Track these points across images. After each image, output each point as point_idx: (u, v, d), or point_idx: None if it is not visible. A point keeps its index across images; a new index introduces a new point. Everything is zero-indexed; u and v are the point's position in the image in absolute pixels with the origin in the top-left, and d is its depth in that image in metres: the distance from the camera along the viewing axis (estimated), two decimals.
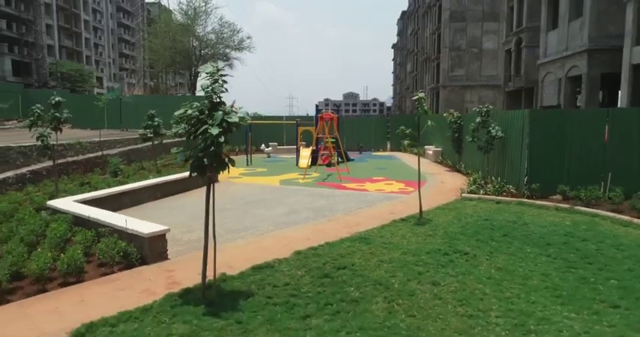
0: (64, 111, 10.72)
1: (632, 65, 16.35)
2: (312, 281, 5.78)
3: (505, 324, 4.63)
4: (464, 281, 5.79)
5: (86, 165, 14.76)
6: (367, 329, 4.50)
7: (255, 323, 4.63)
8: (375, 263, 6.51)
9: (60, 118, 10.54)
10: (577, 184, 11.10)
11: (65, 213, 8.03)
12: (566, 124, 11.63)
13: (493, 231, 8.33)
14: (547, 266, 6.41)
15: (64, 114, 10.63)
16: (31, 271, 5.64)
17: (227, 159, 5.16)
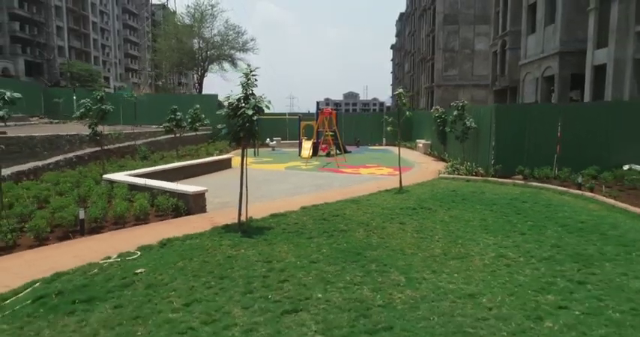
0: (108, 104, 13.01)
1: (594, 66, 18.64)
2: (314, 222, 8.10)
3: (443, 241, 6.94)
4: (422, 222, 8.10)
5: (118, 152, 17.08)
6: (351, 243, 6.81)
7: (276, 240, 6.94)
8: (360, 213, 8.83)
9: (105, 110, 12.84)
10: (534, 166, 13.41)
11: (121, 182, 10.33)
12: (526, 117, 13.96)
13: (456, 197, 10.65)
14: (487, 215, 8.72)
15: (108, 107, 12.93)
16: (115, 214, 7.96)
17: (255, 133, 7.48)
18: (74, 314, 4.34)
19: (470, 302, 4.67)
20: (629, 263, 5.88)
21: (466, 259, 6.08)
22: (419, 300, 4.70)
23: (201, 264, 5.79)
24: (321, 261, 5.92)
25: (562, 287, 5.06)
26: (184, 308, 4.47)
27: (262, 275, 5.39)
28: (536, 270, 5.64)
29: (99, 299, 4.67)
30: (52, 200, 8.70)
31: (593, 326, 4.13)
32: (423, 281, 5.23)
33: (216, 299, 4.69)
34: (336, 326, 4.09)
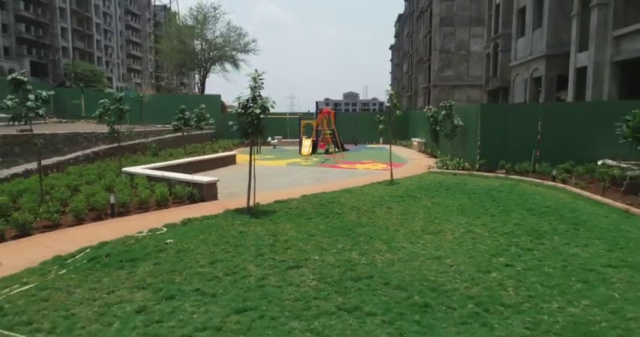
0: (126, 105, 14.19)
1: (576, 68, 19.83)
2: (313, 206, 9.29)
3: (423, 221, 8.13)
4: (407, 207, 9.29)
5: (130, 149, 18.25)
6: (344, 222, 8.00)
7: (280, 220, 8.13)
8: (353, 200, 10.02)
9: (123, 110, 14.02)
10: (515, 161, 14.59)
11: (140, 174, 11.51)
12: (508, 116, 15.15)
13: (440, 187, 11.84)
14: (465, 202, 9.91)
15: (125, 107, 14.10)
16: (139, 200, 9.15)
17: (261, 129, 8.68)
18: (123, 268, 5.53)
19: (436, 262, 5.86)
20: (574, 237, 7.07)
21: (440, 234, 7.27)
22: (395, 261, 5.89)
23: (218, 237, 6.98)
24: (318, 235, 7.12)
25: (513, 253, 6.26)
26: (209, 265, 5.66)
27: (270, 245, 6.58)
28: (495, 241, 6.83)
29: (140, 260, 5.86)
30: (83, 188, 9.89)
31: (528, 276, 5.33)
32: (401, 249, 6.43)
33: (233, 260, 5.88)
34: (329, 276, 5.28)
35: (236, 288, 4.90)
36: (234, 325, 4.04)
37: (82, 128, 18.86)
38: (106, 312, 4.29)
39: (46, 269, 5.50)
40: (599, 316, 4.27)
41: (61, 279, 5.17)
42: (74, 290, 4.80)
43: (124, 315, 4.23)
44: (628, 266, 5.69)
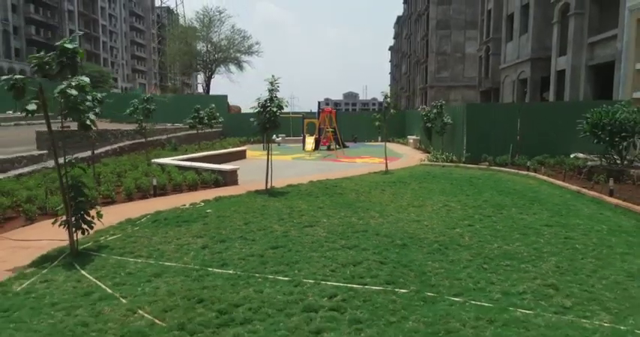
0: (153, 105, 16.03)
1: (557, 71, 21.70)
2: (319, 189, 11.15)
3: (409, 199, 9.98)
4: (398, 190, 11.15)
5: (150, 144, 20.09)
6: (345, 200, 9.86)
7: (293, 198, 9.99)
8: (352, 185, 11.89)
9: (150, 109, 15.85)
10: (497, 154, 16.43)
11: (169, 164, 13.35)
12: (491, 115, 17.01)
13: (428, 176, 13.71)
14: (447, 186, 11.76)
15: (152, 107, 15.94)
16: (174, 183, 11.00)
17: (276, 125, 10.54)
18: (181, 226, 7.39)
19: (415, 223, 7.72)
20: (528, 209, 8.93)
21: (422, 207, 9.12)
22: (385, 223, 7.75)
23: (246, 209, 8.84)
24: (325, 207, 8.97)
25: (476, 218, 8.11)
26: (244, 225, 7.51)
27: (287, 213, 8.43)
28: (465, 212, 8.69)
29: (191, 221, 7.72)
30: (126, 174, 11.74)
31: (482, 231, 7.19)
32: (389, 216, 8.28)
33: (262, 222, 7.73)
34: (335, 230, 7.13)
35: (268, 237, 6.76)
36: (271, 254, 5.90)
37: (108, 126, 20.70)
38: (180, 248, 6.15)
39: (123, 227, 7.36)
40: (523, 250, 6.13)
41: (138, 232, 7.03)
42: (151, 238, 6.66)
43: (194, 249, 6.09)
44: (560, 225, 7.56)
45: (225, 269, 5.29)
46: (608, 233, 7.09)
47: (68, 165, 5.95)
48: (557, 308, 4.29)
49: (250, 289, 4.66)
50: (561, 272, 5.28)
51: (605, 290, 4.75)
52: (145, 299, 4.41)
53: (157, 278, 4.98)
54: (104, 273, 5.15)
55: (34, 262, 5.55)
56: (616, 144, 12.22)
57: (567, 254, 5.97)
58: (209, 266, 5.39)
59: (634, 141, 12.25)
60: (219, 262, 5.56)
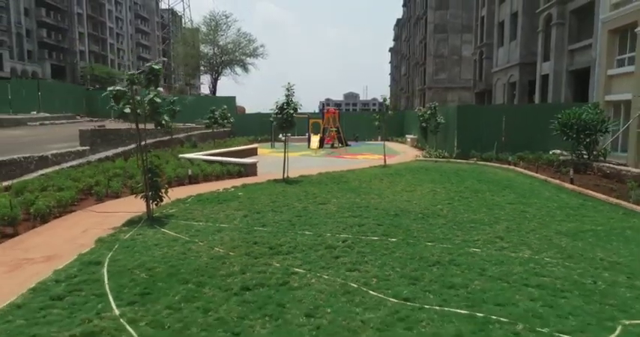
0: (178, 106, 18.01)
1: (542, 75, 23.69)
2: (327, 178, 13.16)
3: (403, 186, 11.98)
4: (394, 180, 13.15)
5: (171, 142, 22.10)
6: (349, 186, 11.86)
7: (306, 185, 11.99)
8: (355, 176, 13.90)
9: (175, 110, 17.83)
10: (484, 150, 18.42)
11: (196, 159, 15.34)
12: (479, 115, 19.02)
13: (421, 169, 15.71)
14: (436, 177, 13.76)
15: (177, 108, 17.92)
16: (205, 173, 13.01)
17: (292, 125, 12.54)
18: (221, 204, 9.40)
19: (406, 202, 9.72)
20: (500, 192, 10.93)
21: (413, 192, 11.12)
22: (382, 201, 9.75)
23: (269, 192, 10.84)
24: (334, 192, 10.98)
25: (455, 199, 10.12)
26: (271, 203, 9.51)
27: (304, 195, 10.44)
28: (447, 195, 10.69)
29: (228, 201, 9.73)
30: (162, 167, 13.73)
31: (458, 207, 9.19)
32: (386, 197, 10.29)
33: (284, 201, 9.73)
34: (343, 207, 9.13)
35: (291, 210, 8.77)
36: (297, 220, 7.90)
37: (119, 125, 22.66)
38: (228, 216, 8.16)
39: (176, 204, 9.36)
40: (486, 218, 8.14)
41: (190, 207, 9.04)
42: (202, 210, 8.67)
43: (238, 217, 8.11)
44: (521, 203, 9.56)
45: (266, 228, 7.30)
46: (556, 208, 9.11)
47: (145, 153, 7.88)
48: (497, 248, 6.30)
49: (287, 237, 6.68)
50: (509, 231, 7.29)
51: (535, 240, 6.76)
52: (216, 242, 6.43)
53: (218, 233, 6.99)
54: (179, 230, 7.16)
55: (124, 224, 7.56)
56: (581, 141, 14.22)
57: (518, 221, 7.99)
58: (253, 227, 7.41)
59: (596, 138, 14.23)
60: (260, 224, 7.58)
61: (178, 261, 5.56)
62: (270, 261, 5.60)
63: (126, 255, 5.78)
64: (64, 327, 3.82)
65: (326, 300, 4.43)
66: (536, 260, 5.78)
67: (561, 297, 4.58)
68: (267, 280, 4.94)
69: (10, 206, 7.21)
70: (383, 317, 4.09)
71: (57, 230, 7.30)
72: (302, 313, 4.14)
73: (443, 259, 5.76)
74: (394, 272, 5.25)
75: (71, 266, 5.36)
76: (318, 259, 5.72)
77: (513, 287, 4.85)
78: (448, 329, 3.85)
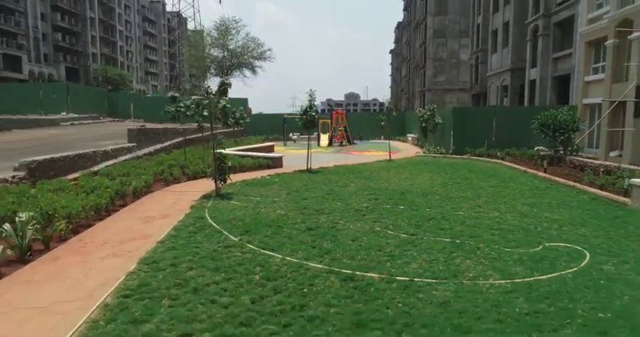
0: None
1: (530, 80, 26.29)
2: (343, 170, 15.76)
3: (406, 175, 14.58)
4: (398, 171, 15.75)
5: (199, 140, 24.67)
6: (362, 175, 14.46)
7: (326, 174, 14.59)
8: (366, 168, 16.49)
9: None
10: (476, 147, 21.01)
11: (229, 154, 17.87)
12: (472, 116, 21.61)
13: (421, 163, 18.31)
14: (434, 168, 16.35)
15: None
16: (240, 165, 15.59)
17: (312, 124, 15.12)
18: (265, 186, 11.98)
19: (409, 185, 12.30)
20: (485, 179, 13.52)
21: (414, 179, 13.71)
22: (390, 185, 12.33)
23: (299, 179, 13.42)
24: (351, 179, 13.56)
25: (449, 183, 12.70)
26: (303, 186, 12.08)
27: (327, 181, 13.01)
28: (442, 180, 13.28)
29: (269, 184, 12.31)
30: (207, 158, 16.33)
31: (451, 188, 11.78)
32: (393, 183, 12.87)
33: (313, 185, 12.30)
34: (360, 188, 11.72)
35: (322, 190, 11.35)
36: (328, 196, 10.48)
37: (168, 125, 25.29)
38: (275, 194, 10.74)
39: (229, 187, 11.93)
40: (471, 195, 10.73)
41: (242, 188, 11.62)
42: (253, 190, 11.25)
43: (282, 194, 10.67)
44: (500, 186, 12.15)
45: (307, 201, 9.89)
46: (526, 189, 11.71)
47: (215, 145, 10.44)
48: (476, 211, 8.90)
49: (325, 205, 9.27)
50: (486, 202, 9.88)
51: (504, 207, 9.36)
52: (275, 208, 9.01)
53: (273, 203, 9.57)
54: (243, 202, 9.73)
55: (200, 198, 10.14)
56: (557, 138, 16.81)
57: (495, 197, 10.59)
58: (297, 199, 9.99)
59: (569, 135, 16.80)
60: (301, 198, 10.17)
61: (257, 217, 8.15)
62: (319, 217, 8.18)
63: (217, 214, 8.36)
64: (210, 244, 6.39)
65: (361, 235, 7.02)
66: (500, 217, 8.37)
67: (511, 234, 7.18)
68: (321, 225, 7.53)
69: (121, 184, 9.80)
70: (398, 242, 6.67)
71: (152, 202, 9.89)
72: (348, 239, 6.73)
73: (436, 216, 8.35)
74: (403, 223, 7.84)
75: (186, 219, 7.94)
76: (350, 216, 8.31)
77: (482, 229, 7.44)
78: (438, 245, 6.44)
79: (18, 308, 4.42)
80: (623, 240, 6.91)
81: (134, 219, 8.24)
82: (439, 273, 5.30)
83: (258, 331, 3.80)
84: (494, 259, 5.90)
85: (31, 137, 22.18)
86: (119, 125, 33.91)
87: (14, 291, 4.85)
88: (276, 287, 4.78)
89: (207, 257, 5.75)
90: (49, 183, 9.79)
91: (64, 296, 4.66)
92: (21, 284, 5.04)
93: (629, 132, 16.23)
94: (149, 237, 6.81)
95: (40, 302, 4.54)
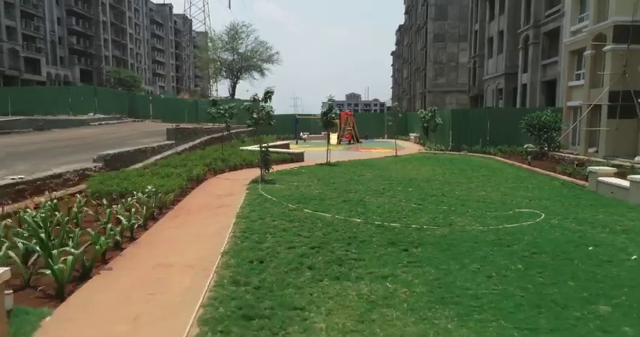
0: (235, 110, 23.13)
1: (522, 84, 28.93)
2: (357, 164, 18.42)
3: (410, 168, 17.22)
4: (404, 164, 18.40)
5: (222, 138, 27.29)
6: (375, 168, 17.10)
7: (344, 166, 17.24)
8: (376, 162, 19.15)
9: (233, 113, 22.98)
10: (472, 144, 23.66)
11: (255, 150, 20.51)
12: (469, 117, 24.25)
13: (424, 158, 20.96)
14: (434, 163, 18.99)
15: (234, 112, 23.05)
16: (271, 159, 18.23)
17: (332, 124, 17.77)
18: (297, 175, 14.62)
19: (415, 175, 14.94)
20: (477, 170, 16.16)
21: (418, 170, 16.34)
22: (399, 174, 14.97)
23: (322, 170, 16.05)
24: (365, 170, 16.19)
25: (448, 173, 15.34)
26: (328, 175, 14.70)
27: (346, 172, 15.64)
28: (442, 171, 15.91)
29: (299, 174, 14.93)
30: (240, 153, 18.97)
31: (449, 176, 14.43)
32: (401, 173, 15.51)
33: (336, 174, 14.92)
34: (376, 176, 14.37)
35: (344, 178, 13.97)
36: (350, 181, 13.11)
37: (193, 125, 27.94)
38: (307, 180, 13.37)
39: (268, 176, 14.55)
40: (465, 180, 13.38)
41: (279, 176, 14.25)
42: (288, 178, 13.89)
43: (314, 180, 13.30)
44: (490, 175, 14.79)
45: (335, 185, 12.51)
46: (511, 177, 14.35)
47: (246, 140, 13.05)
48: (468, 192, 11.54)
49: (351, 187, 11.91)
50: (477, 186, 12.52)
51: (490, 189, 12.00)
52: (312, 189, 11.63)
53: (309, 186, 12.18)
54: (285, 185, 12.33)
55: (250, 182, 12.76)
56: (541, 136, 19.45)
57: (484, 182, 13.23)
58: (327, 184, 12.62)
59: (551, 134, 19.42)
60: (330, 183, 12.80)
61: (302, 194, 10.77)
62: (348, 195, 10.82)
63: (270, 193, 10.98)
64: (277, 209, 9.00)
65: (383, 204, 9.65)
66: (486, 195, 11.01)
67: (492, 205, 9.81)
68: (352, 199, 10.17)
69: (186, 172, 12.45)
70: (410, 208, 9.30)
71: (213, 186, 12.52)
72: (374, 206, 9.36)
73: (437, 194, 10.99)
74: (412, 198, 10.48)
75: (249, 195, 10.57)
76: (372, 194, 10.95)
77: (471, 202, 10.06)
78: (438, 210, 9.09)
79: (179, 237, 7.07)
80: (573, 208, 9.55)
81: (208, 196, 10.88)
82: (439, 224, 7.93)
83: (332, 246, 6.43)
84: (477, 217, 8.53)
85: (75, 135, 24.88)
86: (143, 125, 36.70)
87: (168, 231, 7.50)
88: (335, 229, 7.41)
89: (281, 215, 8.38)
90: (128, 171, 12.43)
91: (201, 233, 7.31)
92: (169, 229, 7.69)
93: (603, 132, 18.86)
94: (229, 206, 9.45)
95: (190, 235, 7.19)
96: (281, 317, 4.16)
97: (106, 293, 4.84)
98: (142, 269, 5.63)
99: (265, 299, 4.54)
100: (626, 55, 17.81)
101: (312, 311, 4.31)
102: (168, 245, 6.76)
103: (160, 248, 6.59)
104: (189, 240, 7.03)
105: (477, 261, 5.80)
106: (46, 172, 11.27)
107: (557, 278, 5.20)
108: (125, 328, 4.04)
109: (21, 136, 24.11)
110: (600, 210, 9.23)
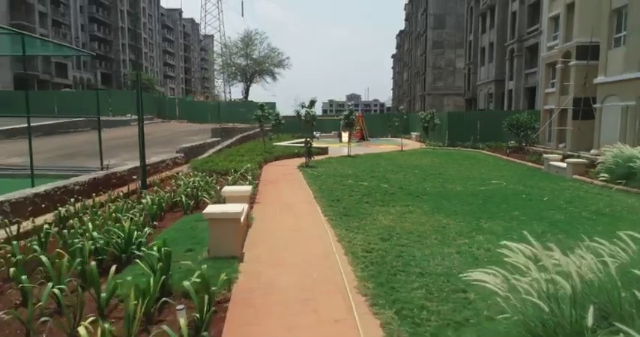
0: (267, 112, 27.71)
1: (508, 90, 33.59)
2: (371, 156, 23.05)
3: (414, 159, 21.86)
4: (409, 157, 23.04)
5: (251, 137, 31.87)
6: (387, 159, 21.72)
7: (362, 158, 21.87)
8: (385, 155, 23.80)
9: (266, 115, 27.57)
10: (465, 141, 28.30)
11: (287, 145, 25.08)
12: (463, 118, 28.93)
13: (424, 152, 25.62)
14: (433, 156, 23.63)
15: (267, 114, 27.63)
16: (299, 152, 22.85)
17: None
18: (330, 163, 19.21)
19: (418, 163, 19.57)
20: (467, 160, 20.82)
21: (421, 160, 20.96)
22: (406, 163, 19.59)
23: (346, 160, 20.64)
24: (379, 160, 20.80)
25: (444, 163, 19.98)
26: (351, 163, 19.31)
27: (366, 161, 20.24)
28: (439, 162, 20.54)
29: (330, 163, 19.53)
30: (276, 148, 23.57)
31: (446, 165, 19.08)
32: (408, 162, 20.13)
33: (359, 163, 19.52)
34: (389, 164, 18.99)
35: (365, 165, 18.57)
36: (372, 167, 17.73)
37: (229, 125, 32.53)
38: (339, 166, 17.96)
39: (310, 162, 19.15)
40: (456, 167, 18.04)
41: (316, 164, 18.83)
42: (324, 165, 18.50)
43: (345, 166, 17.90)
44: (475, 164, 19.43)
45: (362, 168, 17.10)
46: (491, 164, 18.99)
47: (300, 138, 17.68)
48: (457, 172, 16.19)
49: (374, 169, 16.53)
50: (465, 169, 17.16)
51: (474, 171, 16.64)
52: (346, 170, 16.24)
53: (343, 169, 16.77)
54: (325, 169, 16.89)
55: (297, 167, 17.33)
56: (519, 134, 24.10)
57: (470, 168, 17.86)
58: (356, 168, 17.21)
59: (527, 132, 24.06)
60: (358, 167, 17.39)
61: (340, 173, 15.36)
62: (374, 173, 15.43)
63: (318, 173, 15.53)
64: (330, 181, 13.57)
65: (399, 178, 14.26)
66: (470, 174, 15.63)
67: (473, 180, 14.42)
68: (377, 175, 14.80)
69: (264, 156, 17.07)
70: (416, 180, 13.91)
71: (272, 169, 17.10)
72: (393, 179, 13.98)
73: (435, 174, 15.62)
74: (419, 176, 15.10)
75: (304, 174, 15.14)
76: (391, 172, 15.58)
77: (460, 178, 14.66)
78: (436, 182, 13.73)
79: (282, 192, 11.70)
80: (526, 180, 14.19)
81: (275, 174, 15.49)
82: (438, 188, 12.54)
83: (375, 195, 11.04)
84: (463, 185, 13.15)
85: (128, 134, 29.40)
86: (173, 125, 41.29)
87: (271, 190, 12.11)
88: (373, 190, 12.01)
89: (334, 183, 12.99)
90: (205, 158, 17.01)
91: (293, 191, 11.93)
92: (270, 189, 12.30)
93: (569, 131, 23.53)
94: (296, 180, 14.03)
95: (287, 191, 11.81)
96: (360, 216, 8.77)
97: (267, 210, 9.46)
98: (278, 203, 10.25)
99: (350, 211, 9.17)
100: (586, 69, 22.46)
101: (374, 215, 8.93)
102: (280, 196, 11.36)
103: (276, 197, 11.20)
104: (289, 193, 11.60)
105: (457, 200, 10.44)
106: (156, 158, 15.91)
107: (498, 206, 9.85)
108: (291, 220, 8.66)
109: (87, 134, 28.65)
110: (544, 181, 13.88)
